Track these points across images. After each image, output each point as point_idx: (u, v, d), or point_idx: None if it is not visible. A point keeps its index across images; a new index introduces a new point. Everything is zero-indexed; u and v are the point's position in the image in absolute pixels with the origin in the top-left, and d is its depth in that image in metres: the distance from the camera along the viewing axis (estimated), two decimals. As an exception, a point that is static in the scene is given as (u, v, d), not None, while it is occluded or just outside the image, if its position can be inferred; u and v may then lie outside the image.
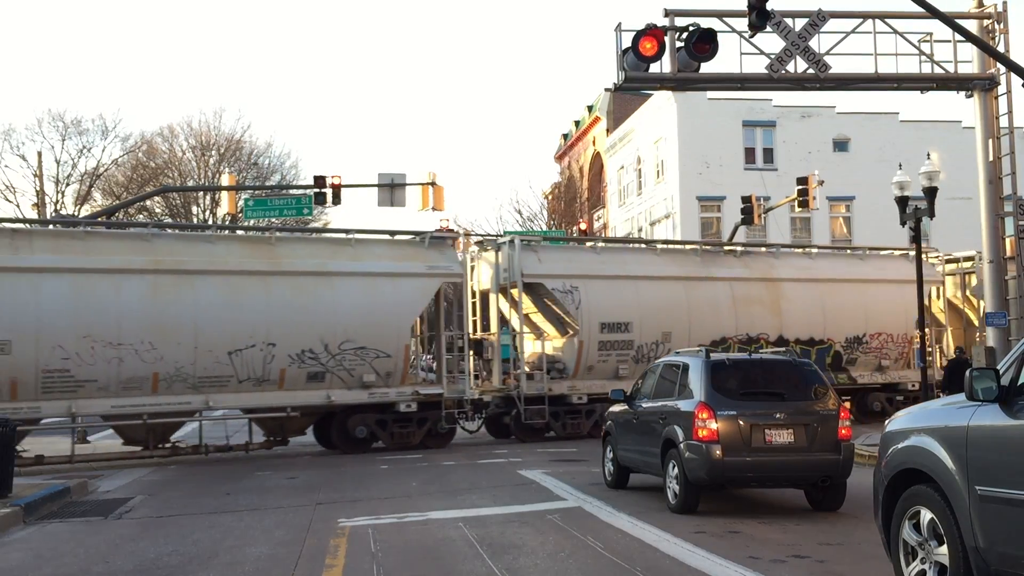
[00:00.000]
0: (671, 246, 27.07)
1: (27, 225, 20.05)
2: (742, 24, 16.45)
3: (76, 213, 48.31)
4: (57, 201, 50.84)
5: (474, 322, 24.07)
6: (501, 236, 26.08)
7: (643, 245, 25.20)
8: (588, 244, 25.81)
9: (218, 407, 19.72)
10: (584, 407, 22.65)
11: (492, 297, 23.75)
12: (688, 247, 26.20)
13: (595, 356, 22.62)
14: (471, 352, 22.68)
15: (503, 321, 23.95)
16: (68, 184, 52.03)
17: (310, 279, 20.05)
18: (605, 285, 22.88)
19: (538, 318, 24.12)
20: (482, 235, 30.17)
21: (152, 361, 18.45)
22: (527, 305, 23.50)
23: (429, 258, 21.42)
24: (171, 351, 18.60)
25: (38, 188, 48.29)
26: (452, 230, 28.72)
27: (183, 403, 19.01)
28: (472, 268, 23.94)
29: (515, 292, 22.92)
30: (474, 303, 24.28)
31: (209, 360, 18.90)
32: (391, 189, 28.17)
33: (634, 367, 22.38)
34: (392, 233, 22.78)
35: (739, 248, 26.25)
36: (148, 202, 51.65)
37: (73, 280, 18.07)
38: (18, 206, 49.64)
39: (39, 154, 48.60)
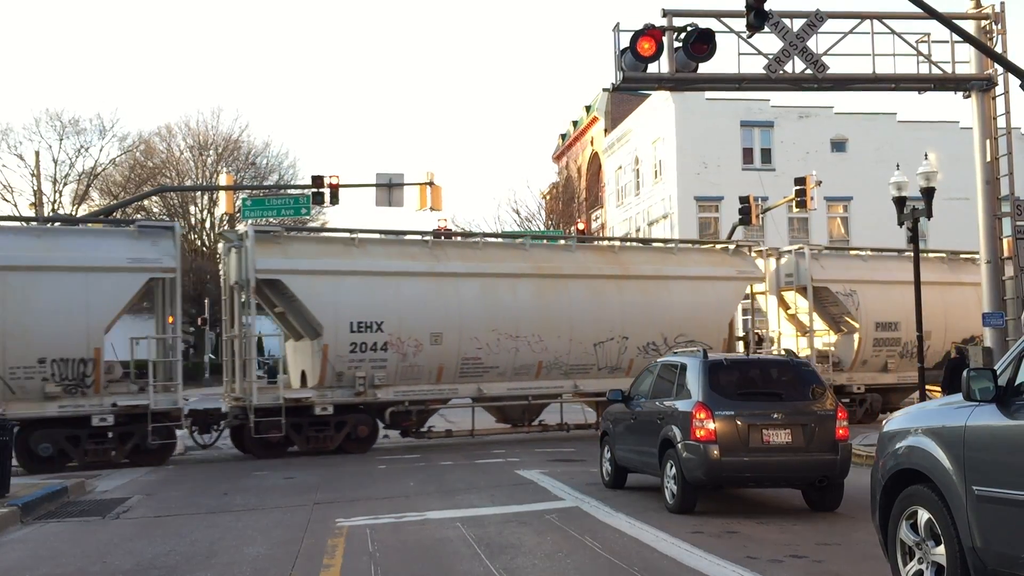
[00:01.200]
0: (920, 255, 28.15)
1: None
2: (740, 24, 16.43)
3: (74, 212, 48.26)
4: (55, 201, 50.84)
5: (745, 320, 26.71)
6: (785, 246, 28.50)
7: (896, 253, 27.54)
8: (853, 252, 27.98)
9: (585, 391, 22.45)
10: (858, 396, 24.97)
11: (769, 299, 26.21)
12: (933, 255, 27.88)
13: (870, 351, 25.37)
14: (749, 345, 25.40)
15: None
16: (66, 184, 52.10)
17: (650, 282, 23.31)
18: (878, 289, 25.44)
19: (804, 317, 26.14)
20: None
21: (539, 351, 21.83)
22: (796, 306, 25.97)
23: (736, 263, 24.40)
24: (552, 343, 21.95)
25: (36, 188, 48.31)
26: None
27: (557, 387, 22.32)
28: None
29: (786, 294, 25.93)
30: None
31: (579, 351, 22.21)
32: (389, 189, 28.17)
33: (899, 361, 25.35)
34: (701, 243, 28.82)
35: (977, 256, 27.12)
36: (145, 202, 51.65)
37: (481, 283, 21.59)
38: (15, 206, 49.67)
39: (37, 154, 48.60)
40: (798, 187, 30.31)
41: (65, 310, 17.87)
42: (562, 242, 26.48)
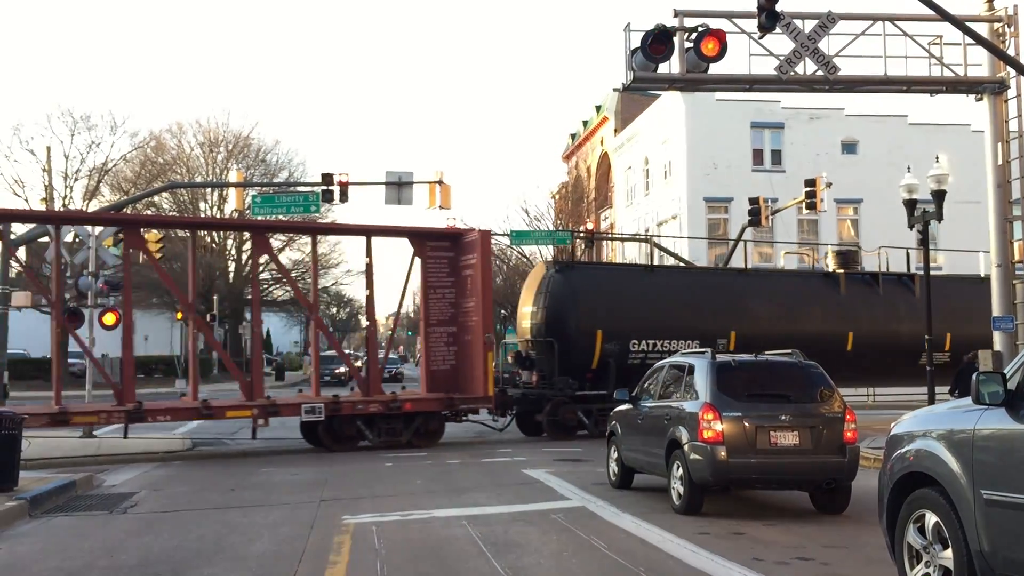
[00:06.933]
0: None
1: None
2: (751, 25, 16.42)
3: (84, 208, 48.44)
4: (65, 196, 51.00)
5: None
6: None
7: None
8: None
9: None
10: None
11: None
12: None
13: None
14: None
15: None
16: (76, 179, 52.19)
17: None
18: None
19: None
20: None
21: None
22: None
23: None
24: None
25: (47, 183, 48.47)
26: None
27: None
28: None
29: None
30: None
31: None
32: (398, 187, 28.19)
33: None
34: None
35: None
36: (156, 198, 51.81)
37: None
38: (27, 200, 49.83)
39: (48, 149, 48.78)
40: (808, 189, 30.20)
41: None
42: None
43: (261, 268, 52.96)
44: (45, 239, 24.29)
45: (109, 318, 22.21)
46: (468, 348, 21.91)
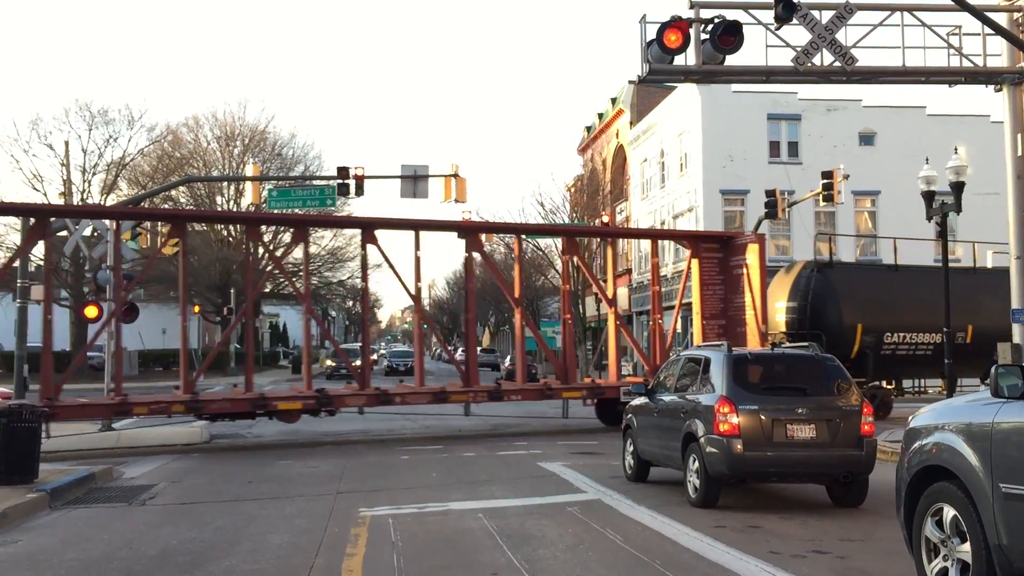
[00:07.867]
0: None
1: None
2: (768, 16, 16.31)
3: (103, 202, 48.75)
4: (83, 190, 51.30)
5: None
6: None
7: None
8: None
9: None
10: None
11: None
12: None
13: None
14: None
15: None
16: (94, 173, 52.47)
17: None
18: None
19: None
20: None
21: None
22: None
23: None
24: None
25: (65, 177, 48.80)
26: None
27: None
28: None
29: None
30: None
31: None
32: (414, 181, 28.26)
33: None
34: None
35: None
36: (173, 192, 52.03)
37: None
38: (45, 194, 50.17)
39: (66, 143, 49.10)
40: (825, 181, 30.01)
41: None
42: None
43: (282, 260, 53.15)
44: (63, 233, 24.45)
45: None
46: (741, 340, 23.73)
